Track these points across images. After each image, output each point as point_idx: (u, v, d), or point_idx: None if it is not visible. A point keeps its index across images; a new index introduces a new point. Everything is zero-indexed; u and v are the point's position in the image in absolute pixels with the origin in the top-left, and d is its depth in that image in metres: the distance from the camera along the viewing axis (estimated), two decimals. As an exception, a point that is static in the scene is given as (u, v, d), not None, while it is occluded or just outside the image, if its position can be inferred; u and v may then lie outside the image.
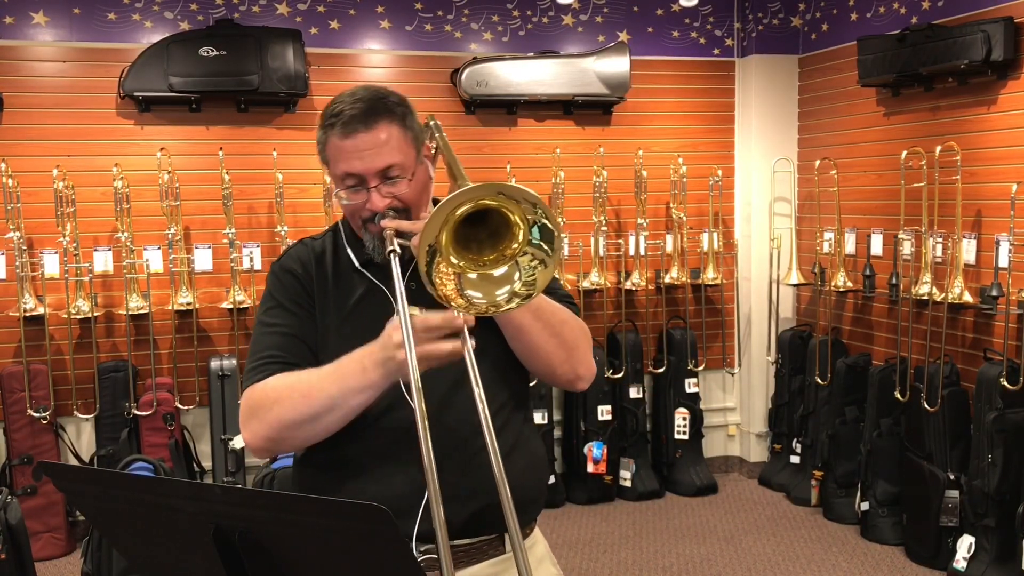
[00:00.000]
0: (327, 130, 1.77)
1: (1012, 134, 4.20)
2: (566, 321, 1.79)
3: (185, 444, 4.80)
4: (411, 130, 1.77)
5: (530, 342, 1.76)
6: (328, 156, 1.78)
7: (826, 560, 4.49)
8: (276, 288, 1.84)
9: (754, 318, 5.78)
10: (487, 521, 1.74)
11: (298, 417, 1.66)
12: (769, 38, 5.63)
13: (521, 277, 1.54)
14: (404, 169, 1.74)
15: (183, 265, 4.82)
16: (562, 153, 5.35)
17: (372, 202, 1.73)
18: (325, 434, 1.69)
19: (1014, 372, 4.01)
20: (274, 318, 1.80)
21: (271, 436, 1.69)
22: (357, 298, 1.80)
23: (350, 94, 1.77)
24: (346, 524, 1.20)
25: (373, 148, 1.72)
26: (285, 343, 1.77)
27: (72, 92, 4.77)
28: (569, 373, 1.81)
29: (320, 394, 1.65)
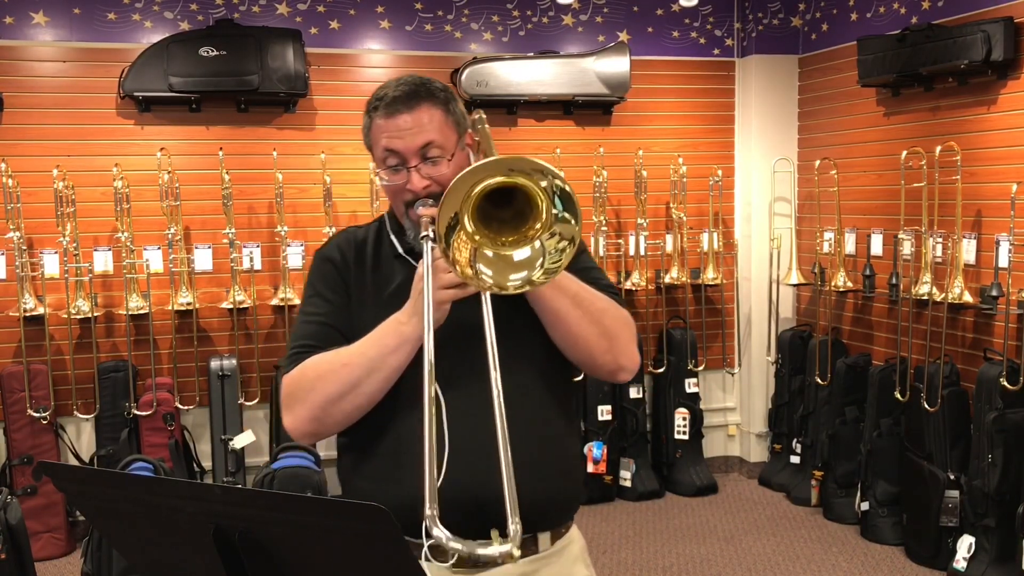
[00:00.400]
0: (371, 113, 1.79)
1: (1012, 134, 4.20)
2: (606, 310, 1.77)
3: (185, 444, 4.79)
4: (453, 115, 1.80)
5: (568, 330, 1.74)
6: (372, 138, 1.80)
7: (826, 560, 4.49)
8: (315, 276, 1.88)
9: (754, 318, 5.78)
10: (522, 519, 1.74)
11: (340, 388, 1.69)
12: (769, 38, 5.63)
13: (545, 263, 1.54)
14: (444, 149, 1.76)
15: (183, 265, 4.82)
16: (562, 153, 5.35)
17: (411, 181, 1.75)
18: (368, 403, 1.71)
19: (1014, 372, 4.01)
20: (311, 307, 1.84)
21: (315, 415, 1.72)
22: (396, 285, 1.81)
23: (395, 80, 1.81)
24: (346, 524, 1.20)
25: (414, 127, 1.74)
26: (320, 332, 1.80)
27: (72, 92, 4.77)
28: (611, 363, 1.79)
29: (360, 359, 1.69)
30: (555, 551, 1.82)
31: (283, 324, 5.02)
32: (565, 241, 1.53)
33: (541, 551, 1.79)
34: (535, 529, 1.77)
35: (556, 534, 1.82)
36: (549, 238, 1.54)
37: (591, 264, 1.89)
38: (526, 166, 1.50)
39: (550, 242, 1.54)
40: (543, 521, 1.79)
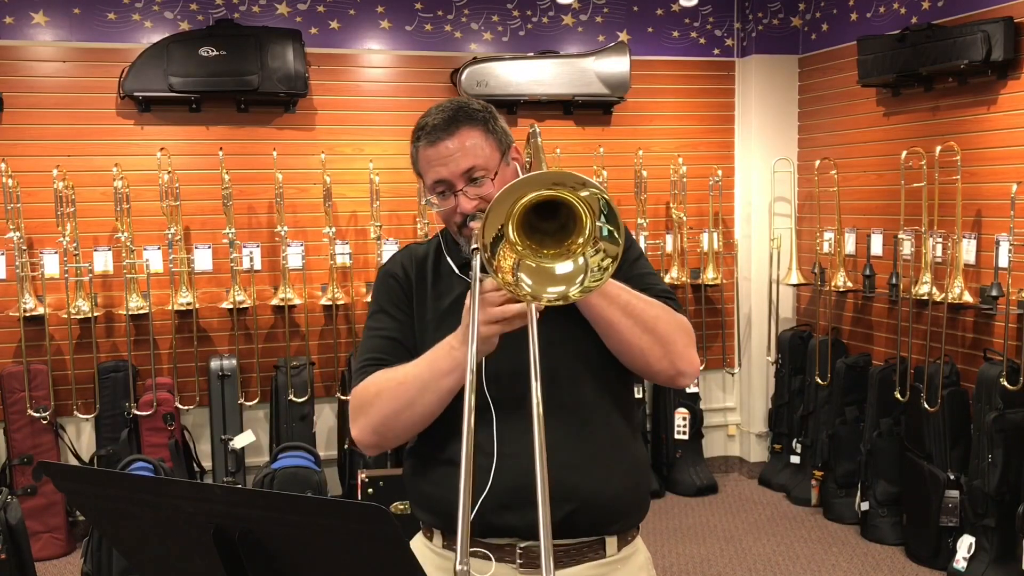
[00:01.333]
0: (416, 143, 1.85)
1: (1012, 134, 4.20)
2: (659, 316, 1.78)
3: (185, 444, 4.79)
4: (493, 133, 1.84)
5: (621, 339, 1.76)
6: (420, 168, 1.86)
7: (826, 560, 4.49)
8: (380, 293, 1.95)
9: (754, 318, 5.78)
10: (585, 522, 1.76)
11: (397, 405, 1.76)
12: (769, 38, 5.63)
13: (585, 281, 1.56)
14: (487, 170, 1.80)
15: (183, 265, 4.82)
16: (562, 153, 5.35)
17: (460, 205, 1.79)
18: (424, 420, 1.77)
19: (1014, 372, 4.01)
20: (377, 322, 1.91)
21: (376, 429, 1.79)
22: (454, 299, 1.86)
23: (435, 107, 1.86)
24: (346, 524, 1.20)
25: (457, 152, 1.79)
26: (385, 346, 1.87)
27: (72, 92, 4.77)
28: (669, 369, 1.80)
29: (414, 380, 1.75)
30: (621, 557, 1.82)
31: (283, 324, 5.02)
32: (609, 259, 1.55)
33: (608, 556, 1.79)
34: (602, 532, 1.79)
35: (623, 540, 1.83)
36: (594, 255, 1.56)
37: (647, 270, 1.90)
38: (569, 180, 1.52)
39: (594, 259, 1.56)
40: (611, 524, 1.80)
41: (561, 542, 1.73)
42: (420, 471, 1.87)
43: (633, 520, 1.86)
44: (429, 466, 1.85)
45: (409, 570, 1.22)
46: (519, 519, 1.70)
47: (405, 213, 5.20)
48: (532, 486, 1.54)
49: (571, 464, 1.71)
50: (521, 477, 1.67)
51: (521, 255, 1.57)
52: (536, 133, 2.01)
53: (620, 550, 1.82)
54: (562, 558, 1.74)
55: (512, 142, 1.88)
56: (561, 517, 1.70)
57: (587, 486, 1.69)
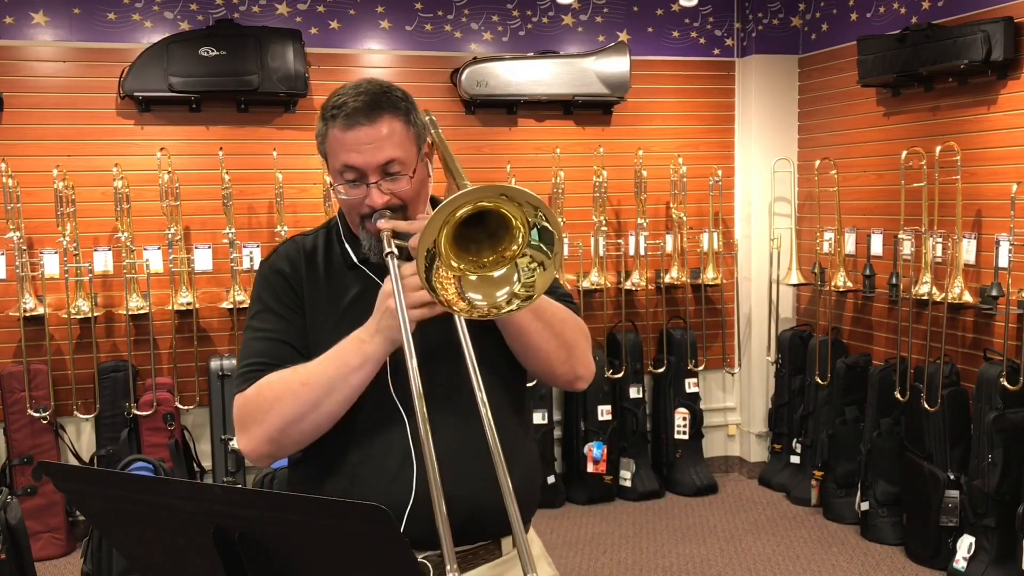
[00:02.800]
0: (328, 122, 1.73)
1: (1012, 134, 4.20)
2: (566, 320, 1.77)
3: (185, 444, 4.79)
4: (414, 126, 1.74)
5: (529, 342, 1.73)
6: (328, 149, 1.74)
7: (826, 560, 4.49)
8: (264, 290, 1.81)
9: (754, 318, 5.78)
10: (481, 527, 1.73)
11: (300, 408, 1.64)
12: (769, 38, 5.63)
13: (520, 279, 1.52)
14: (405, 165, 1.71)
15: (183, 265, 4.82)
16: (562, 153, 5.35)
17: (371, 198, 1.70)
18: (328, 423, 1.67)
19: (1014, 372, 4.01)
20: (262, 323, 1.77)
21: (272, 437, 1.67)
22: (353, 296, 1.77)
23: (353, 86, 1.74)
24: (346, 524, 1.20)
25: (375, 142, 1.68)
26: (273, 349, 1.74)
27: (72, 92, 4.77)
28: (568, 373, 1.79)
29: (319, 379, 1.64)
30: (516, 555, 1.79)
31: (283, 324, 5.01)
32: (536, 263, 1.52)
33: (504, 555, 1.78)
34: (498, 535, 1.76)
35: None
36: (521, 258, 1.52)
37: None
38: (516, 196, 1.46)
39: (522, 261, 1.52)
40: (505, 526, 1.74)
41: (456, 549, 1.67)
42: (313, 482, 1.76)
43: (527, 517, 1.83)
44: (324, 476, 1.74)
45: (409, 570, 1.22)
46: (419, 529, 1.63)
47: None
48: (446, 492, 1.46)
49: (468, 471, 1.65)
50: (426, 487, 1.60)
51: (462, 272, 1.51)
52: (434, 122, 1.86)
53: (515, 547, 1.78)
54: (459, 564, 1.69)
55: (427, 137, 1.79)
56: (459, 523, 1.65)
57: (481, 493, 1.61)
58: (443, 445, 1.61)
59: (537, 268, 1.52)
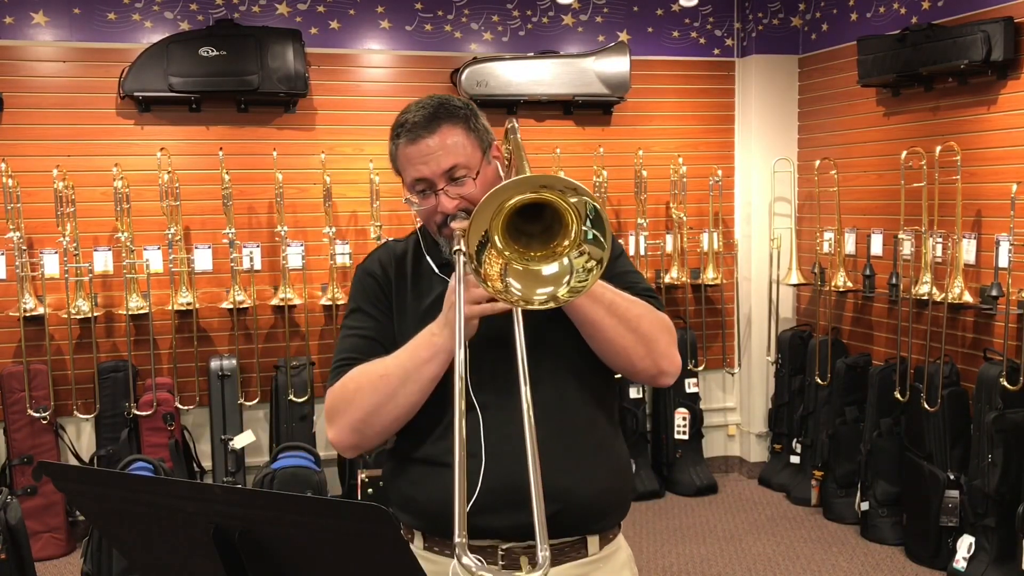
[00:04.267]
0: (395, 140, 1.81)
1: (1012, 134, 4.20)
2: (643, 315, 1.77)
3: (185, 444, 4.79)
4: (475, 131, 1.81)
5: (605, 337, 1.75)
6: (399, 166, 1.83)
7: (826, 560, 4.49)
8: (357, 291, 1.91)
9: (754, 318, 5.78)
10: (569, 523, 1.74)
11: (378, 399, 1.73)
12: (769, 38, 5.63)
13: (571, 281, 1.55)
14: (469, 168, 1.77)
15: (183, 265, 4.82)
16: (562, 153, 5.36)
17: (441, 204, 1.77)
18: (406, 413, 1.74)
19: (1014, 372, 4.01)
20: (355, 321, 1.88)
21: (356, 427, 1.75)
22: (433, 299, 1.83)
23: (415, 103, 1.82)
24: (346, 524, 1.20)
25: (438, 151, 1.76)
26: (363, 345, 1.83)
27: (72, 92, 4.77)
28: (651, 368, 1.79)
29: (395, 371, 1.73)
30: (603, 556, 1.81)
31: (283, 324, 5.02)
32: (593, 261, 1.54)
33: (590, 555, 1.79)
34: (584, 532, 1.78)
35: (604, 539, 1.82)
36: (577, 256, 1.55)
37: (628, 268, 1.89)
38: (558, 184, 1.50)
39: (578, 261, 1.55)
40: (593, 524, 1.79)
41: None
42: (400, 472, 1.85)
43: (615, 519, 1.85)
44: (409, 466, 1.82)
45: (409, 570, 1.22)
46: (501, 521, 1.69)
47: (405, 213, 5.20)
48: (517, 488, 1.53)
49: (555, 465, 1.67)
50: (505, 479, 1.68)
51: (508, 259, 1.55)
52: (515, 128, 1.96)
53: (602, 549, 1.81)
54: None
55: (493, 140, 1.85)
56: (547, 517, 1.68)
57: (570, 487, 1.67)
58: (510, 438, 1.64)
59: (593, 269, 1.54)
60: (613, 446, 1.86)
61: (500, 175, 1.86)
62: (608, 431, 1.86)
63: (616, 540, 1.87)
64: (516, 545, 1.72)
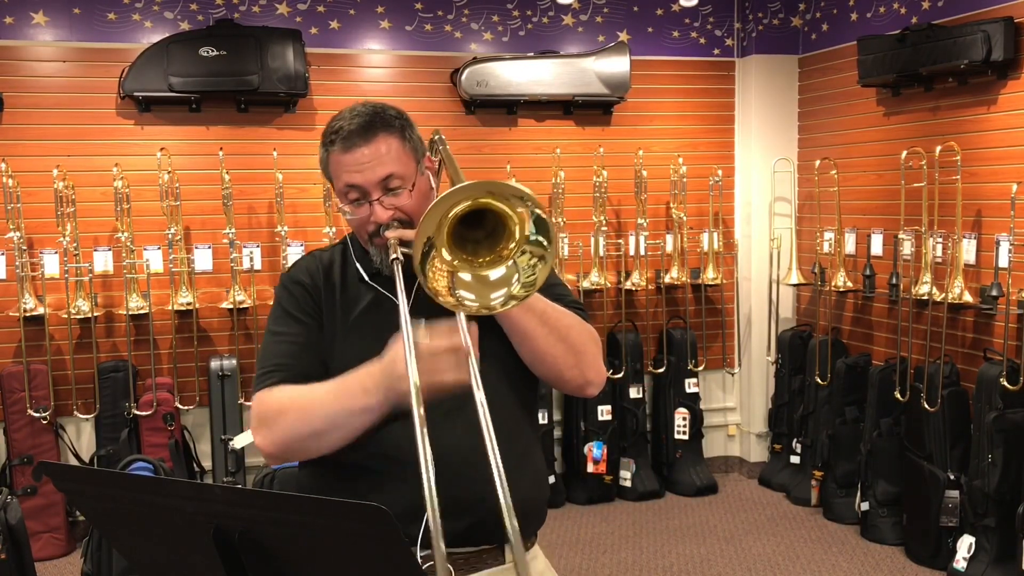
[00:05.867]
0: (328, 147, 1.80)
1: (1012, 134, 4.20)
2: (572, 326, 1.78)
3: (185, 444, 4.79)
4: (410, 141, 1.80)
5: (536, 347, 1.75)
6: (331, 172, 1.82)
7: (826, 560, 4.49)
8: (285, 298, 1.88)
9: (754, 318, 5.78)
10: (488, 531, 1.73)
11: (302, 431, 1.69)
12: (769, 38, 5.63)
13: (520, 278, 1.54)
14: (404, 179, 1.76)
15: (183, 265, 4.82)
16: (562, 153, 5.35)
17: (375, 214, 1.76)
18: (331, 449, 1.70)
19: (1014, 372, 4.01)
20: (282, 327, 1.85)
21: (281, 444, 1.73)
22: (363, 307, 1.81)
23: (349, 111, 1.80)
24: (346, 524, 1.20)
25: (373, 160, 1.75)
26: (293, 351, 1.80)
27: (72, 92, 4.77)
28: (578, 378, 1.80)
29: (321, 411, 1.68)
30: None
31: (283, 324, 5.01)
32: (536, 258, 1.53)
33: (507, 562, 1.78)
34: (503, 540, 1.76)
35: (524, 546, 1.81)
36: (521, 255, 1.54)
37: (556, 281, 1.90)
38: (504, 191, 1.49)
39: (522, 259, 1.54)
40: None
41: (460, 550, 1.72)
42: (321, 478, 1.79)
43: (532, 527, 1.86)
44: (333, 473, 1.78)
45: (409, 570, 1.22)
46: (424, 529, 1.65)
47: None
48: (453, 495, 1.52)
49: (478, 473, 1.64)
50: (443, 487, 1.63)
51: (455, 268, 1.53)
52: (443, 140, 1.93)
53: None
54: (461, 566, 1.73)
55: (426, 151, 1.85)
56: (463, 527, 1.69)
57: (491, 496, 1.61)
58: (452, 448, 1.65)
59: (537, 264, 1.53)
60: (534, 455, 1.86)
61: (432, 186, 1.86)
62: (530, 440, 1.86)
63: (533, 549, 1.88)
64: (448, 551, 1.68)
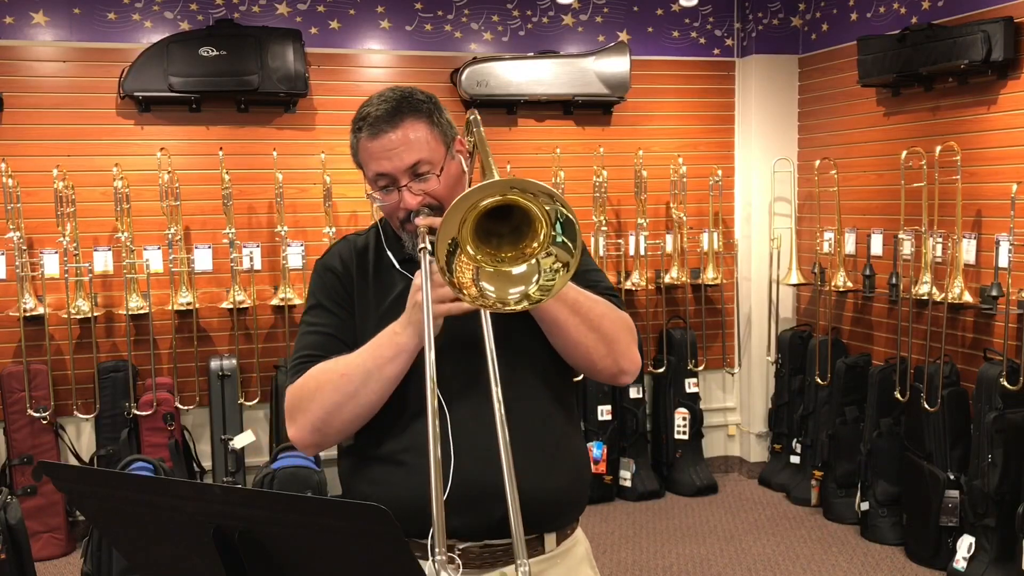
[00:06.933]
0: (357, 134, 1.78)
1: (1012, 134, 4.20)
2: (605, 314, 1.76)
3: (185, 444, 4.79)
4: (438, 126, 1.78)
5: (568, 337, 1.74)
6: (360, 159, 1.80)
7: (826, 560, 4.49)
8: (317, 287, 1.88)
9: (754, 318, 5.78)
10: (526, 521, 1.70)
11: (339, 398, 1.70)
12: (769, 38, 5.63)
13: (540, 280, 1.53)
14: (433, 164, 1.75)
15: (183, 265, 4.82)
16: (562, 153, 5.35)
17: (405, 201, 1.74)
18: (368, 412, 1.72)
19: (1014, 372, 4.01)
20: (315, 317, 1.84)
21: (316, 426, 1.72)
22: (396, 295, 1.80)
23: (378, 96, 1.78)
24: (346, 524, 1.20)
25: (401, 146, 1.73)
26: (323, 342, 1.80)
27: (72, 92, 4.77)
28: (612, 367, 1.79)
29: (356, 369, 1.69)
30: (560, 552, 1.81)
31: (283, 324, 5.02)
32: (560, 263, 1.53)
33: (547, 552, 1.78)
34: (541, 529, 1.77)
35: (562, 535, 1.82)
36: (545, 257, 1.53)
37: (591, 266, 1.88)
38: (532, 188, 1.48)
39: (546, 262, 1.53)
40: (550, 522, 1.78)
41: (499, 541, 1.71)
42: (357, 470, 1.81)
43: (572, 515, 1.85)
44: (368, 465, 1.79)
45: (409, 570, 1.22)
46: (461, 520, 1.66)
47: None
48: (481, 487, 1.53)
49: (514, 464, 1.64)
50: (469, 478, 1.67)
51: (479, 263, 1.53)
52: (477, 121, 1.90)
53: (559, 545, 1.80)
54: (501, 557, 1.73)
55: (456, 134, 1.83)
56: (500, 516, 1.66)
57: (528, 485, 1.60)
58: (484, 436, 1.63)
59: (560, 270, 1.52)
60: (571, 442, 1.86)
61: (464, 170, 1.84)
62: (567, 429, 1.85)
63: (574, 535, 1.87)
64: (473, 545, 1.71)
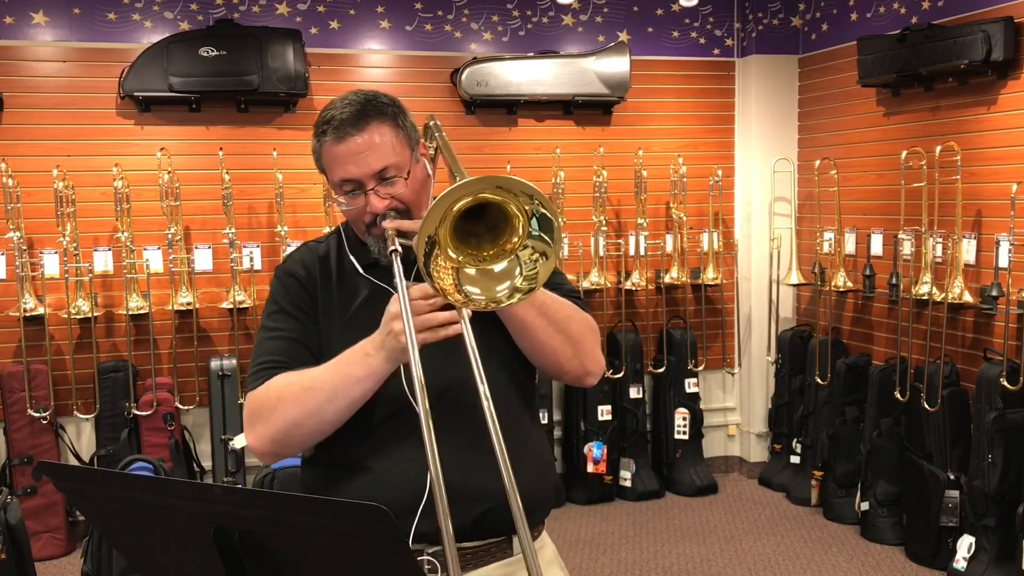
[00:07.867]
0: (320, 138, 1.76)
1: (1012, 134, 4.20)
2: (571, 317, 1.77)
3: (185, 444, 4.80)
4: (403, 129, 1.76)
5: (535, 338, 1.74)
6: (324, 164, 1.78)
7: (826, 560, 4.49)
8: (279, 292, 1.84)
9: (754, 318, 5.78)
10: (494, 523, 1.72)
11: (302, 412, 1.66)
12: (769, 38, 5.63)
13: (523, 272, 1.53)
14: (400, 169, 1.73)
15: (183, 265, 4.82)
16: (562, 153, 5.35)
17: (371, 205, 1.72)
18: (330, 428, 1.68)
19: (1014, 372, 4.01)
20: (276, 323, 1.80)
21: (276, 438, 1.69)
22: (361, 301, 1.79)
23: (340, 99, 1.76)
24: (346, 524, 1.20)
25: (367, 151, 1.71)
26: (286, 348, 1.77)
27: (72, 92, 4.77)
28: (577, 369, 1.79)
29: (323, 385, 1.65)
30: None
31: (283, 324, 5.01)
32: (538, 253, 1.52)
33: (515, 554, 1.77)
34: (510, 531, 1.75)
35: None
36: (523, 250, 1.53)
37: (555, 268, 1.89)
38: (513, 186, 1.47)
39: (524, 253, 1.53)
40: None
41: (467, 545, 1.71)
42: (321, 479, 1.78)
43: (539, 516, 1.85)
44: (334, 473, 1.76)
45: (409, 570, 1.22)
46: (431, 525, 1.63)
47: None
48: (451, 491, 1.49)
49: (481, 466, 1.63)
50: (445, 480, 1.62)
51: (460, 264, 1.51)
52: (439, 126, 1.86)
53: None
54: (469, 560, 1.72)
55: (420, 138, 1.81)
56: (471, 520, 1.68)
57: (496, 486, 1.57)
58: (456, 442, 1.64)
59: (539, 259, 1.52)
60: (536, 443, 1.85)
61: (429, 173, 1.82)
62: (531, 428, 1.85)
63: (541, 538, 1.86)
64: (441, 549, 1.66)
